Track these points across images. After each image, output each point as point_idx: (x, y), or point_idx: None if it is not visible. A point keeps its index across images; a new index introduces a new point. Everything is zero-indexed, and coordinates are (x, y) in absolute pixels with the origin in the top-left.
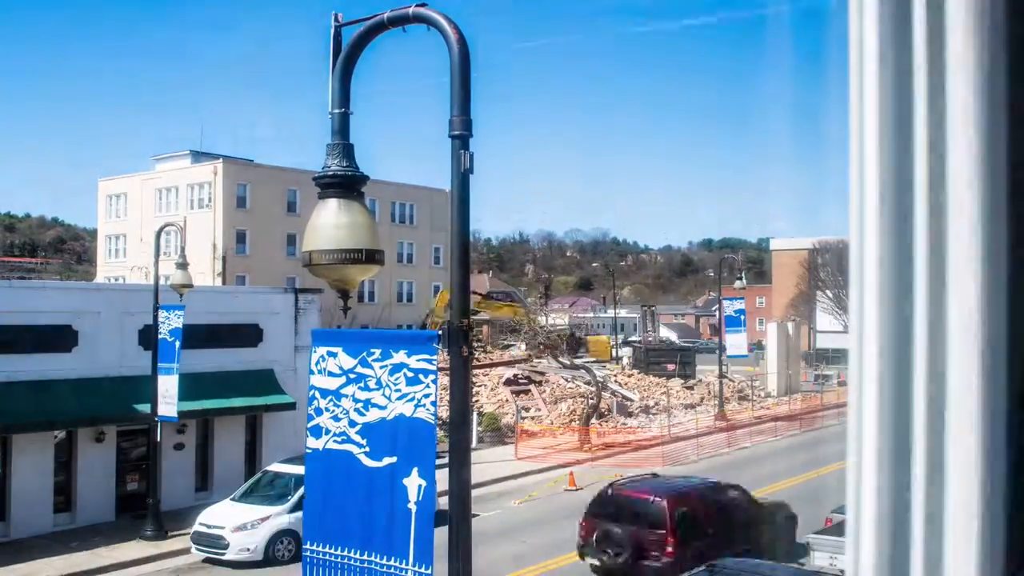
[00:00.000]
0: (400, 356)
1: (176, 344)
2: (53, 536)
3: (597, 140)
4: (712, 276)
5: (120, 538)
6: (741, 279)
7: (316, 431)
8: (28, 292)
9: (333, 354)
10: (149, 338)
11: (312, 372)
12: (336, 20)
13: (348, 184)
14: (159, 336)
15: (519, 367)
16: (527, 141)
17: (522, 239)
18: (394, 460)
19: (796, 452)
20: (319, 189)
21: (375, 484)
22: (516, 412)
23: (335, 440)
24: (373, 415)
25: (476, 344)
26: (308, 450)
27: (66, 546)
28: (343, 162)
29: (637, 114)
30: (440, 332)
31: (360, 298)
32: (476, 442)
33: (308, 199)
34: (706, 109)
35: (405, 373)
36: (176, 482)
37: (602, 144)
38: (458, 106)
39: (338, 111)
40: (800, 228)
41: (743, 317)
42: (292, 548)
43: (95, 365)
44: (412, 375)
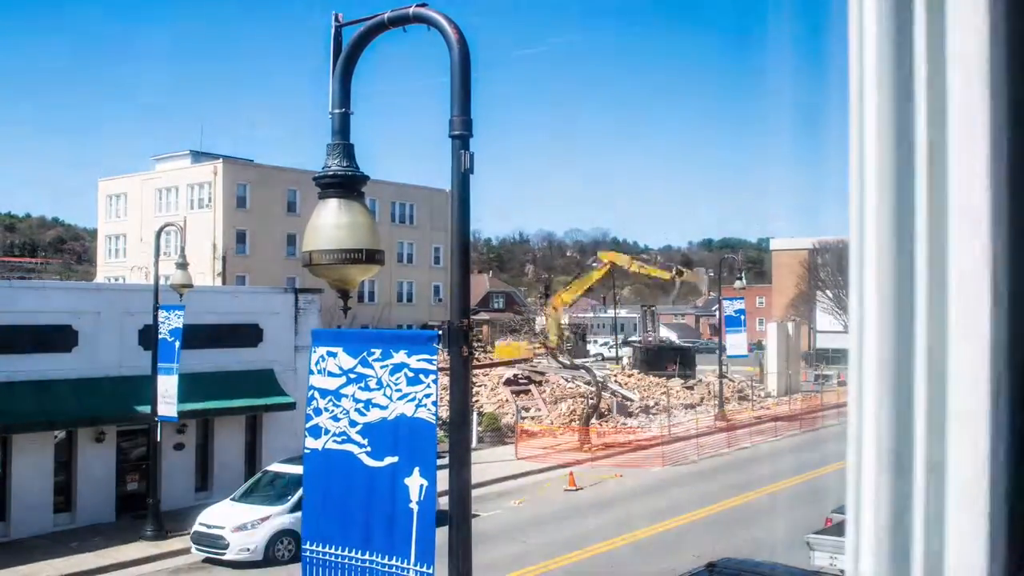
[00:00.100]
0: (400, 356)
1: (176, 344)
2: (53, 536)
3: (597, 140)
4: (712, 276)
5: (120, 538)
6: (741, 279)
7: (315, 431)
8: (28, 292)
9: (333, 354)
10: (149, 338)
11: (312, 372)
12: (336, 20)
13: (348, 184)
14: (159, 336)
15: (519, 367)
16: (527, 141)
17: (522, 239)
18: (395, 460)
19: (796, 452)
20: (319, 189)
21: (376, 484)
22: (516, 412)
23: (335, 440)
24: (374, 415)
25: (476, 344)
26: (307, 450)
27: (66, 546)
28: (343, 162)
29: (637, 114)
30: (440, 332)
31: (360, 298)
32: (476, 442)
33: (308, 199)
34: (706, 109)
35: (406, 373)
36: (176, 482)
37: (602, 144)
38: (458, 106)
39: (338, 111)
40: (800, 228)
41: (743, 317)
42: (292, 548)
43: (95, 365)
44: (413, 375)
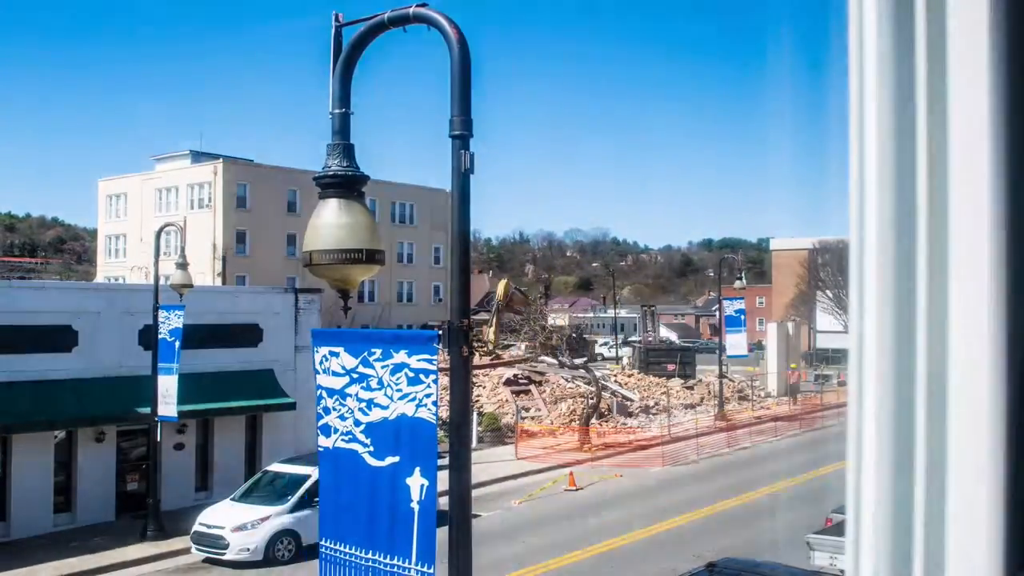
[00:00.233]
0: (401, 356)
1: (176, 344)
2: (53, 536)
3: (598, 140)
4: (712, 276)
5: (120, 538)
6: (741, 279)
7: (326, 429)
8: (28, 292)
9: (335, 354)
10: (149, 338)
11: (317, 372)
12: (336, 20)
13: (348, 184)
14: (159, 336)
15: (519, 367)
16: (527, 141)
17: (522, 239)
18: (396, 460)
19: (796, 452)
20: (319, 189)
21: (379, 483)
22: (516, 412)
23: (343, 439)
24: (376, 415)
25: (476, 344)
26: (319, 448)
27: (66, 546)
28: (343, 162)
29: (638, 114)
30: (440, 332)
31: (360, 298)
32: (476, 442)
33: (308, 199)
34: (706, 109)
35: (406, 373)
36: (176, 482)
37: (602, 144)
38: (458, 106)
39: (338, 111)
40: (800, 228)
41: (743, 317)
42: (292, 548)
43: (95, 365)
44: (413, 375)
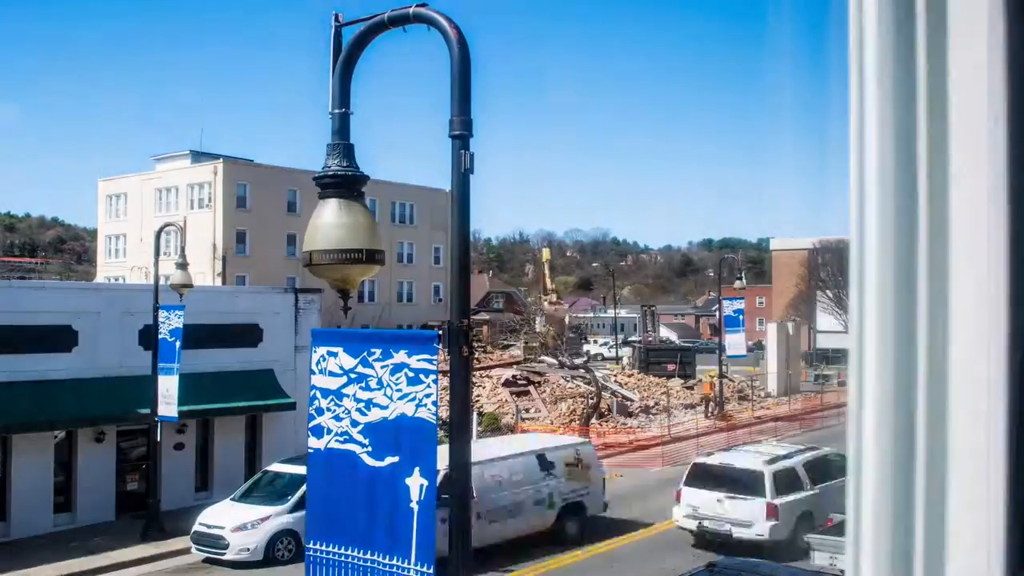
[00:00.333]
0: (401, 356)
1: (176, 344)
2: (53, 536)
3: (598, 140)
4: (712, 276)
5: (120, 538)
6: (741, 279)
7: (318, 431)
8: (28, 292)
9: (334, 354)
10: (149, 338)
11: (313, 372)
12: (336, 20)
13: (348, 184)
14: (159, 336)
15: (518, 368)
16: (527, 141)
17: (522, 239)
18: (396, 460)
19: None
20: (319, 189)
21: (377, 483)
22: (516, 412)
23: (337, 440)
24: (375, 415)
25: (476, 344)
26: (310, 450)
27: (66, 546)
28: (343, 162)
29: (638, 113)
30: (440, 332)
31: (360, 298)
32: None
33: (308, 199)
34: (707, 108)
35: (406, 373)
36: (176, 482)
37: (603, 143)
38: (458, 106)
39: (338, 111)
40: (800, 228)
41: (743, 317)
42: (292, 548)
43: (95, 365)
44: (413, 375)
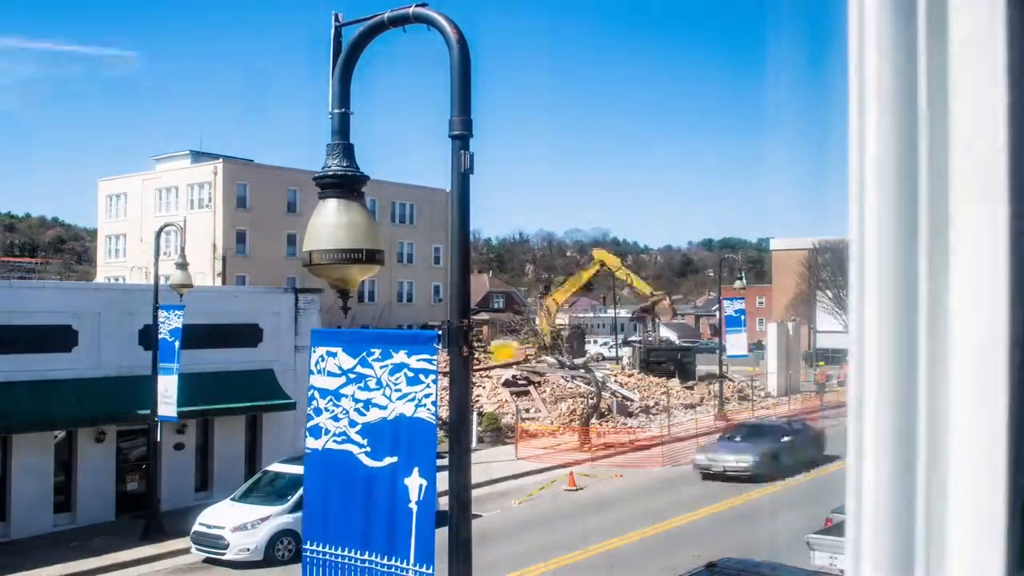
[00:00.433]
0: (400, 356)
1: (176, 344)
2: (53, 536)
3: (598, 139)
4: (712, 276)
5: (120, 538)
6: (741, 279)
7: (315, 431)
8: (28, 292)
9: (333, 354)
10: (149, 338)
11: (311, 372)
12: (336, 20)
13: (348, 184)
14: (159, 336)
15: (517, 368)
16: (527, 141)
17: (522, 239)
18: (395, 460)
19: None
20: (319, 189)
21: (376, 484)
22: (516, 412)
23: (335, 440)
24: (374, 415)
25: (477, 344)
26: (307, 450)
27: (66, 546)
28: (343, 162)
29: (638, 114)
30: (440, 332)
31: (360, 298)
32: (476, 442)
33: (308, 199)
34: (707, 108)
35: (405, 373)
36: (176, 482)
37: (603, 143)
38: (458, 106)
39: (338, 111)
40: (800, 228)
41: (743, 317)
42: (292, 548)
43: (95, 365)
44: (412, 375)
